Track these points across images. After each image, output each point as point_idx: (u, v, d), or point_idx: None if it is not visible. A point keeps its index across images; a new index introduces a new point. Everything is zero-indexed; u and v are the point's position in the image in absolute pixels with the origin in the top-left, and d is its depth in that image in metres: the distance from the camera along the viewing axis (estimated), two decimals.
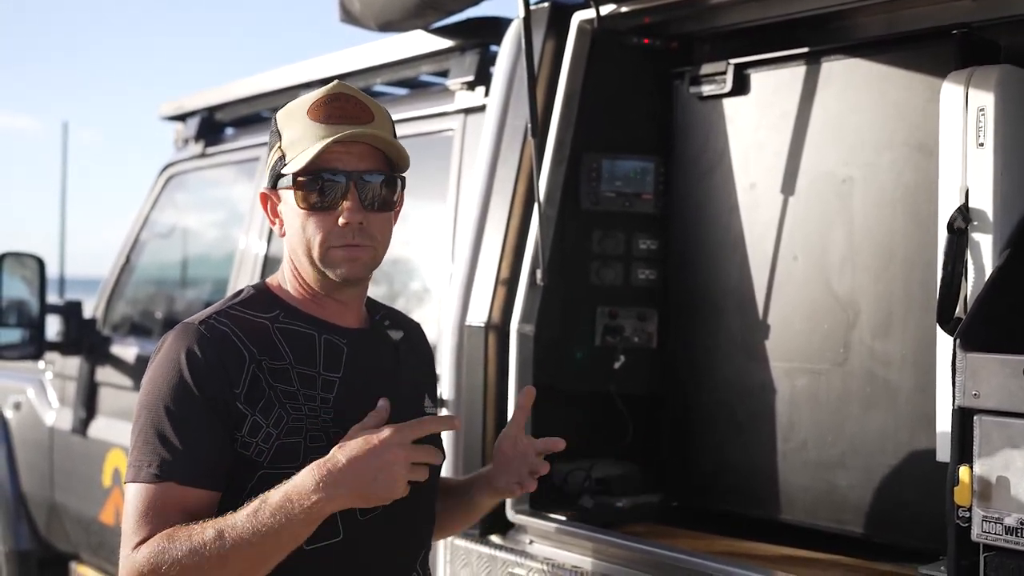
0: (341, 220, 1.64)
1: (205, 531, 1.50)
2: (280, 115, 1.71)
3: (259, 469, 1.58)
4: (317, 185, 1.64)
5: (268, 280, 1.76)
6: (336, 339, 1.71)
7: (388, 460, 1.51)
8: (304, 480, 1.51)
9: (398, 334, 1.82)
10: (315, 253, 1.66)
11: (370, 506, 1.55)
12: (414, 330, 1.90)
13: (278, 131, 1.70)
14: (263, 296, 1.72)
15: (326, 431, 1.62)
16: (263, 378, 1.61)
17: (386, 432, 1.53)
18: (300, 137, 1.66)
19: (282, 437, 1.60)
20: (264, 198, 1.74)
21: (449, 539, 2.41)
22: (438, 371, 2.67)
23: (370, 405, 1.65)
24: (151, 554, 1.50)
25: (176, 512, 1.54)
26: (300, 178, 1.64)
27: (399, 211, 1.75)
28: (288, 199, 1.68)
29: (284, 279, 1.74)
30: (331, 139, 1.62)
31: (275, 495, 1.51)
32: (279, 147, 1.68)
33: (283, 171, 1.67)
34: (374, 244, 1.69)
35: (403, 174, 1.73)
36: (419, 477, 1.55)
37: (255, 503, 1.51)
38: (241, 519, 1.50)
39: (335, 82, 1.71)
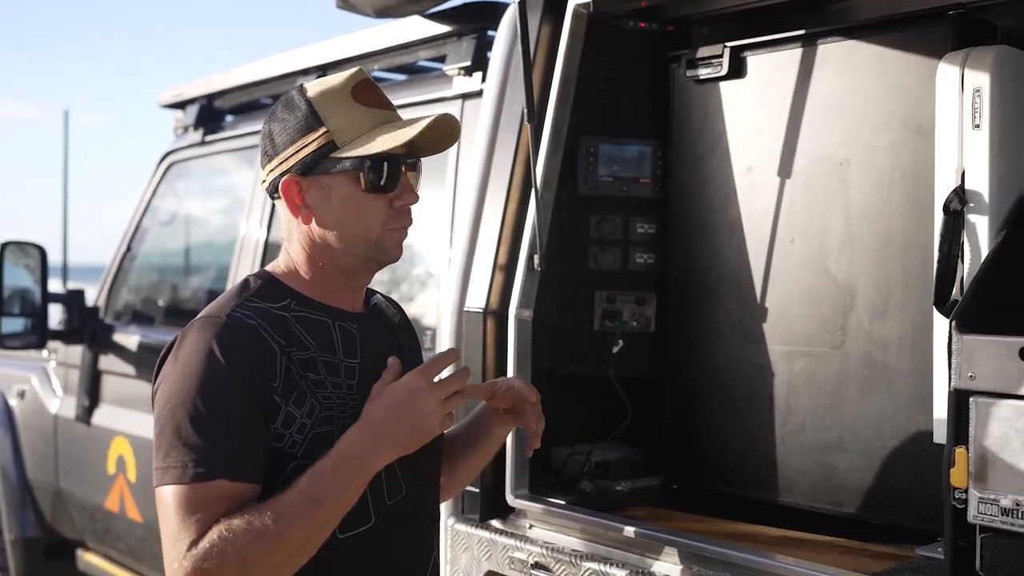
0: (400, 202, 1.69)
1: (263, 516, 1.49)
2: (316, 100, 1.66)
3: (292, 461, 1.57)
4: (383, 169, 1.66)
5: (269, 268, 1.73)
6: (348, 325, 1.71)
7: (420, 407, 1.59)
8: (349, 443, 1.56)
9: (395, 317, 1.84)
10: (373, 235, 1.68)
11: (411, 451, 1.60)
12: (402, 312, 1.92)
13: (317, 117, 1.65)
14: (271, 285, 1.69)
15: (355, 417, 1.62)
16: (294, 369, 1.59)
17: (410, 380, 1.60)
18: (356, 121, 1.66)
19: (317, 427, 1.59)
20: (293, 185, 1.67)
21: (449, 523, 2.42)
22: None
23: None
24: (211, 548, 1.46)
25: (224, 510, 1.50)
26: (368, 162, 1.65)
27: None
28: (338, 184, 1.66)
29: (292, 267, 1.71)
30: (426, 122, 1.65)
31: (325, 465, 1.53)
32: (324, 133, 1.65)
33: (341, 155, 1.64)
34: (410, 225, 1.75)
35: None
36: (455, 406, 1.63)
37: (306, 478, 1.52)
38: (297, 497, 1.51)
39: (358, 68, 1.73)
